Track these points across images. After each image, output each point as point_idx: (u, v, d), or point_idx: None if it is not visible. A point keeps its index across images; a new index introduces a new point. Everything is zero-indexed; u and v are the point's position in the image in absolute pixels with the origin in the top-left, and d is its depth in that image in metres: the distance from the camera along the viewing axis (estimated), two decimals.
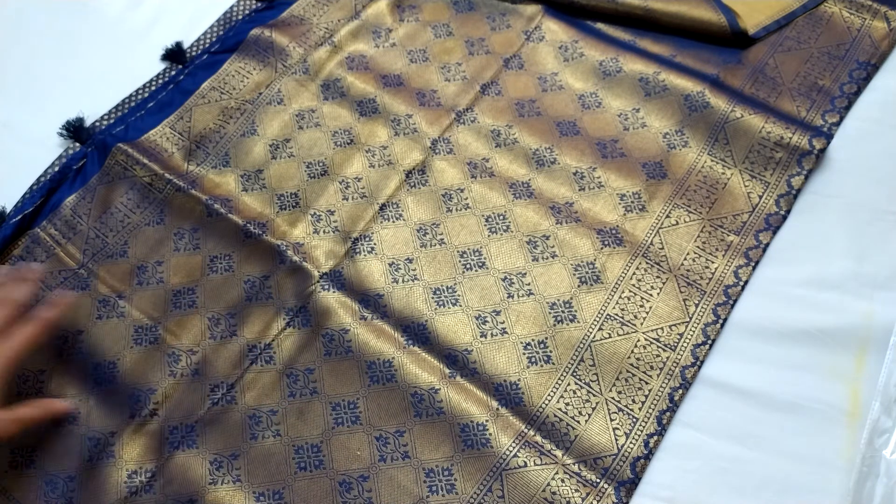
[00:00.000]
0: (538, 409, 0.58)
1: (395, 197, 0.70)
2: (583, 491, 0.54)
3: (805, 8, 0.78)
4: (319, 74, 0.79)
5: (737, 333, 0.61)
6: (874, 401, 0.56)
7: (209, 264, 0.67)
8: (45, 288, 0.66)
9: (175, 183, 0.70)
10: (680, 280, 0.63)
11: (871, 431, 0.55)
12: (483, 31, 0.82)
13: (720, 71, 0.75)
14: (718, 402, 0.58)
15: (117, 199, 0.72)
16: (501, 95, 0.77)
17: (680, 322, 0.61)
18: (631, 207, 0.68)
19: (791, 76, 0.74)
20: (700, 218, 0.67)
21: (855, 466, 0.54)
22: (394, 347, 0.61)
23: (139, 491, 0.57)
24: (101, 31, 0.85)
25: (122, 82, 0.79)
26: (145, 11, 0.87)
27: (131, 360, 0.63)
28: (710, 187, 0.68)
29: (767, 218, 0.66)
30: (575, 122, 0.74)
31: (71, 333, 0.64)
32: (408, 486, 0.56)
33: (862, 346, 0.59)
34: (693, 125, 0.72)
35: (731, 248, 0.65)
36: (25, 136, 0.77)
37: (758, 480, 0.55)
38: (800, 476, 0.55)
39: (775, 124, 0.69)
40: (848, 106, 0.71)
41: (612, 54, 0.78)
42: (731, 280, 0.63)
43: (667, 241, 0.66)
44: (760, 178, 0.68)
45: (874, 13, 0.76)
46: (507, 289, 0.64)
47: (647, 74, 0.75)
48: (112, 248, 0.69)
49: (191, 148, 0.75)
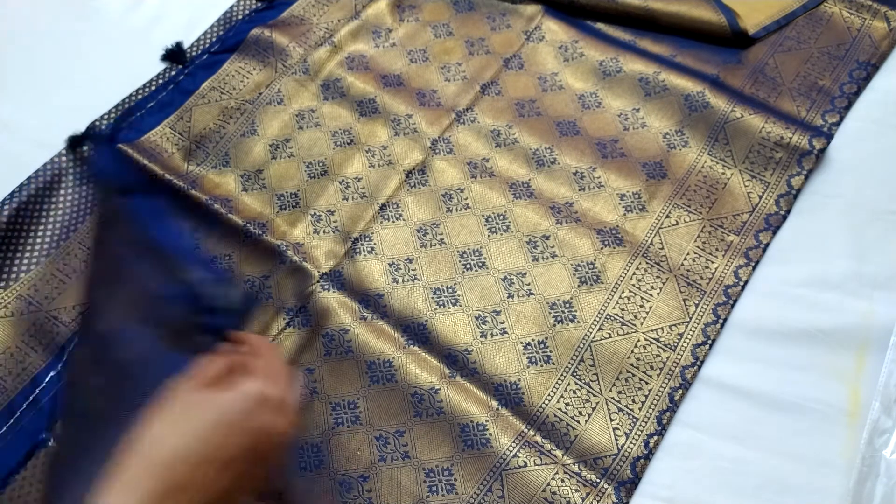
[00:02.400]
0: (538, 408, 0.58)
1: (395, 197, 0.70)
2: (583, 491, 0.54)
3: (805, 8, 0.78)
4: (319, 74, 0.79)
5: (737, 333, 0.61)
6: (874, 401, 0.56)
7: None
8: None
9: (175, 184, 0.70)
10: (680, 280, 0.63)
11: (871, 431, 0.55)
12: (483, 31, 0.82)
13: (720, 71, 0.75)
14: (718, 402, 0.58)
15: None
16: (501, 95, 0.77)
17: (680, 322, 0.61)
18: (631, 207, 0.68)
19: (791, 76, 0.74)
20: (700, 218, 0.67)
21: (855, 466, 0.54)
22: (394, 347, 0.61)
23: None
24: (101, 32, 0.85)
25: (122, 82, 0.79)
26: (146, 12, 0.87)
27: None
28: (710, 187, 0.68)
29: (767, 218, 0.66)
30: (575, 122, 0.74)
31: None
32: (408, 486, 0.56)
33: (862, 346, 0.59)
34: (693, 125, 0.72)
35: (731, 248, 0.65)
36: (26, 136, 0.77)
37: (758, 480, 0.55)
38: (800, 476, 0.55)
39: (775, 124, 0.69)
40: (848, 106, 0.71)
41: (612, 54, 0.78)
42: (731, 280, 0.63)
43: (667, 241, 0.66)
44: (760, 177, 0.68)
45: (874, 13, 0.76)
46: (507, 289, 0.64)
47: (647, 74, 0.75)
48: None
49: (190, 148, 0.75)
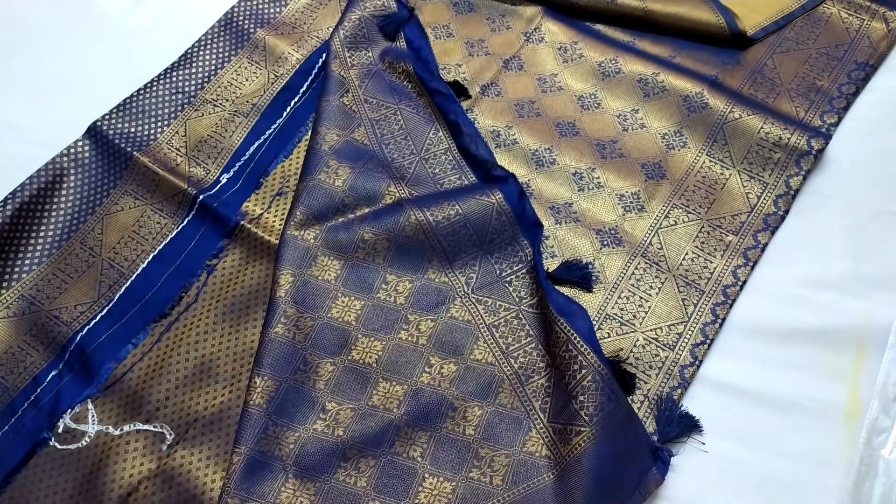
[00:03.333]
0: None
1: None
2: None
3: (804, 9, 0.78)
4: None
5: (735, 333, 0.61)
6: (872, 400, 0.56)
7: None
8: None
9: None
10: (679, 280, 0.64)
11: (869, 431, 0.55)
12: (483, 32, 0.82)
13: (719, 72, 0.75)
14: (717, 402, 0.58)
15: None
16: (501, 96, 0.77)
17: (679, 322, 0.62)
18: (630, 208, 0.68)
19: (789, 77, 0.74)
20: (699, 218, 0.67)
21: (853, 466, 0.54)
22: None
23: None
24: (101, 32, 0.86)
25: (122, 82, 0.79)
26: (146, 12, 0.87)
27: None
28: (709, 188, 0.68)
29: (766, 218, 0.66)
30: (574, 122, 0.75)
31: None
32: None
33: (860, 346, 0.60)
34: (692, 126, 0.72)
35: (730, 248, 0.65)
36: (26, 136, 0.78)
37: (757, 480, 0.55)
38: (798, 475, 0.55)
39: (774, 125, 0.69)
40: (846, 106, 0.72)
41: (612, 55, 0.78)
42: (729, 280, 0.63)
43: (665, 241, 0.66)
44: (759, 178, 0.68)
45: (872, 14, 0.77)
46: None
47: (646, 75, 0.75)
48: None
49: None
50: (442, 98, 0.73)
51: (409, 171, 0.69)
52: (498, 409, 0.58)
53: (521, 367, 0.59)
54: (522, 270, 0.63)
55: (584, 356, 0.55)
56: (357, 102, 0.73)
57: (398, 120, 0.73)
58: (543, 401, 0.57)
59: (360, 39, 0.78)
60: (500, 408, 0.58)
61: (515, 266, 0.64)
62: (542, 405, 0.57)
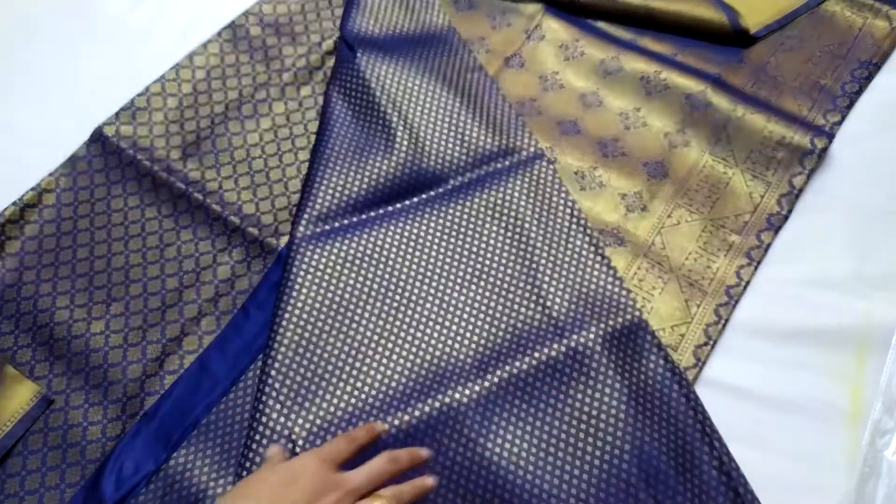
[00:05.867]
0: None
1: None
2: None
3: (807, 7, 0.78)
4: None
5: (739, 334, 0.61)
6: (876, 401, 0.56)
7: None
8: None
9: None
10: (682, 280, 0.63)
11: (872, 432, 0.55)
12: (484, 29, 0.82)
13: (722, 70, 0.75)
14: (720, 403, 0.58)
15: None
16: None
17: (682, 322, 0.61)
18: (632, 207, 0.68)
19: (793, 75, 0.74)
20: (702, 218, 0.66)
21: (856, 467, 0.54)
22: None
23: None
24: (101, 32, 0.85)
25: (122, 82, 0.79)
26: (146, 12, 0.87)
27: None
28: (712, 187, 0.68)
29: (769, 218, 0.66)
30: (576, 121, 0.74)
31: None
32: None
33: (863, 346, 0.59)
34: (694, 124, 0.72)
35: (733, 248, 0.65)
36: (26, 136, 0.77)
37: (759, 480, 0.55)
38: (801, 476, 0.55)
39: (777, 124, 0.69)
40: (850, 105, 0.71)
41: (613, 53, 0.77)
42: (732, 280, 0.63)
43: (668, 241, 0.66)
44: (762, 177, 0.68)
45: (876, 12, 0.76)
46: None
47: (649, 73, 0.75)
48: None
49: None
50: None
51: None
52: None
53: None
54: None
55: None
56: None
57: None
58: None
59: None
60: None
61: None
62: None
